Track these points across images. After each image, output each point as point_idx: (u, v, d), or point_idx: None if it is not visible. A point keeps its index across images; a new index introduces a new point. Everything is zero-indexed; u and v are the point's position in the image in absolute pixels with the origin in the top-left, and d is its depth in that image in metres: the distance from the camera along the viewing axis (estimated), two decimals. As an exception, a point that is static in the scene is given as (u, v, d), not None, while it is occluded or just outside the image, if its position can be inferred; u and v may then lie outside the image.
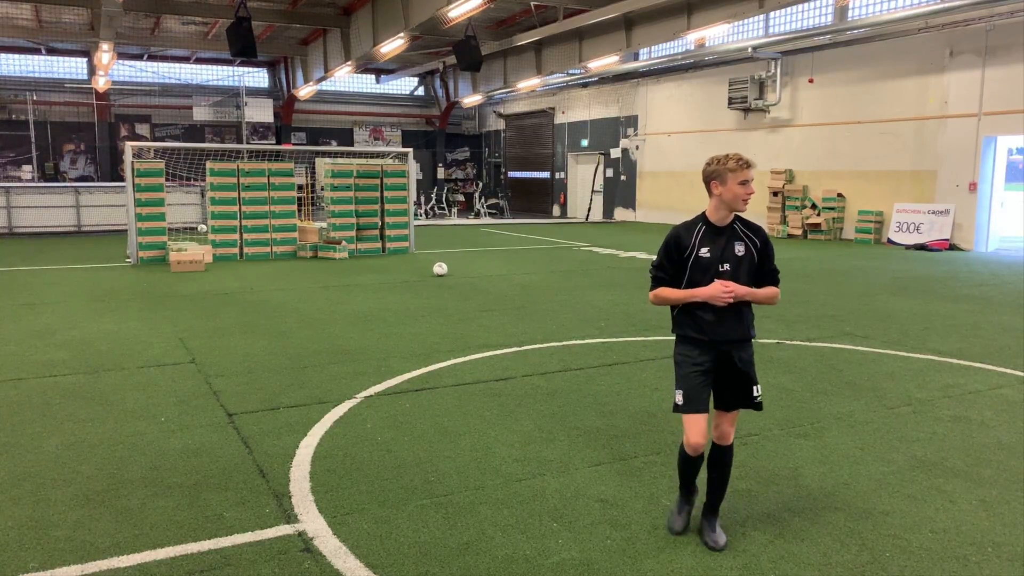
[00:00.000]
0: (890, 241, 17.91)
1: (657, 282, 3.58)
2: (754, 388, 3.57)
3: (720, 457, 3.60)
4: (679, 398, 3.51)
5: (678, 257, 3.51)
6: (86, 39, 23.57)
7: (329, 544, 3.54)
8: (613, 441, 4.89)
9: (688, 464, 3.62)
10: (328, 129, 31.56)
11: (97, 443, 4.81)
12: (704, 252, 3.47)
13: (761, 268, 3.54)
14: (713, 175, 3.45)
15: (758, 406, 3.60)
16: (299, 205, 17.72)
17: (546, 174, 31.11)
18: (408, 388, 6.06)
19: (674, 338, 3.63)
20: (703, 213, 3.57)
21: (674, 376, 3.59)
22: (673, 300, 3.54)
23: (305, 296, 10.55)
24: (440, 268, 12.56)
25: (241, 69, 29.73)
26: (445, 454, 4.65)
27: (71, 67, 27.74)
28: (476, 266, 13.96)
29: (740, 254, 3.49)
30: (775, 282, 3.58)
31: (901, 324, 8.65)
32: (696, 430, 3.46)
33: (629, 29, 19.82)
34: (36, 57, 27.01)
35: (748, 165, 3.43)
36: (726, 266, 3.46)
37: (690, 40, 21.21)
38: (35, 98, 26.61)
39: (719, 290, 3.40)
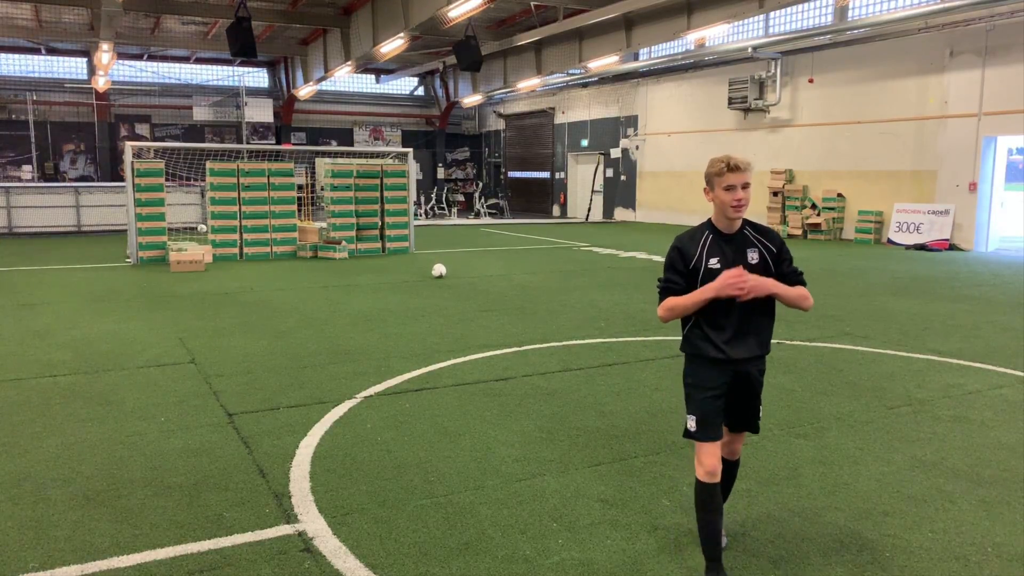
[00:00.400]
0: (890, 241, 17.92)
1: (666, 292, 3.19)
2: (760, 409, 3.38)
3: (727, 469, 3.41)
4: (692, 424, 3.19)
5: (684, 269, 3.16)
6: (86, 39, 23.58)
7: (329, 544, 3.54)
8: (613, 441, 4.89)
9: (708, 500, 3.19)
10: (328, 129, 31.57)
11: (97, 443, 4.81)
12: (714, 263, 3.11)
13: (780, 271, 3.17)
14: (706, 179, 3.15)
15: (757, 429, 3.41)
16: (299, 205, 17.73)
17: (546, 174, 31.11)
18: (408, 388, 6.06)
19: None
20: (709, 219, 3.23)
21: (684, 398, 3.26)
22: (683, 307, 3.14)
23: (305, 296, 10.55)
24: (438, 269, 12.51)
25: (241, 69, 29.73)
26: (445, 454, 4.65)
27: (71, 67, 27.75)
28: (476, 266, 13.96)
29: (754, 262, 3.13)
30: (802, 283, 3.22)
31: (901, 324, 8.65)
32: (712, 455, 3.18)
33: (629, 29, 19.82)
34: (36, 57, 27.02)
35: (733, 168, 3.04)
36: None
37: (690, 40, 21.21)
38: (35, 98, 26.62)
39: (729, 277, 3.01)
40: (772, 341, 3.31)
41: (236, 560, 3.39)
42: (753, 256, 3.15)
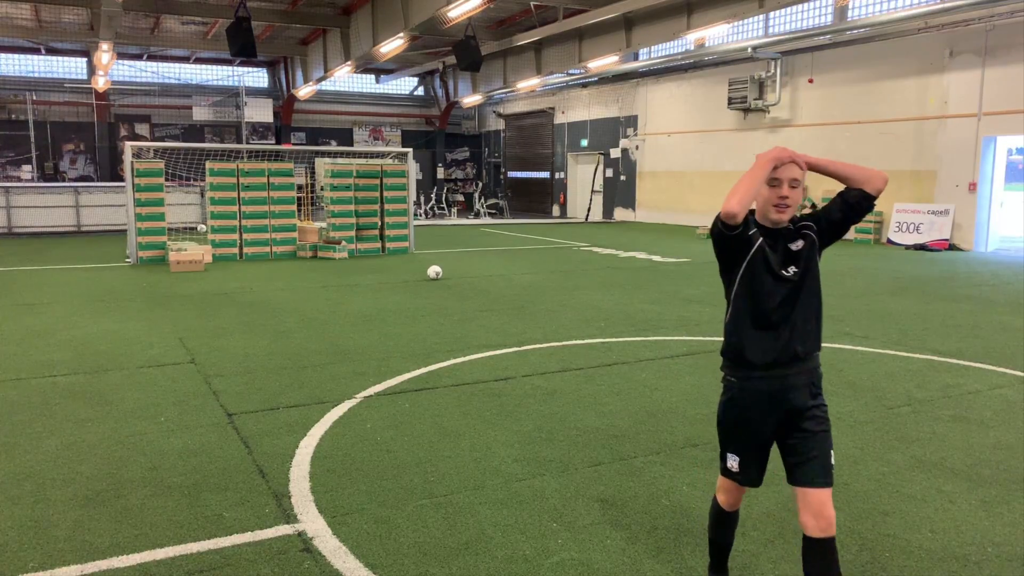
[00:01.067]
0: (890, 241, 17.92)
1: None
2: (831, 455, 2.78)
3: (823, 553, 2.73)
4: (734, 464, 2.86)
5: (743, 231, 2.74)
6: (86, 39, 23.56)
7: (329, 544, 3.54)
8: (613, 441, 4.89)
9: (723, 522, 3.05)
10: (328, 129, 31.56)
11: (97, 443, 4.81)
12: (768, 251, 2.80)
13: (833, 207, 2.90)
14: None
15: (824, 481, 2.75)
16: (299, 205, 17.73)
17: (546, 174, 31.11)
18: (408, 388, 6.06)
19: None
20: (752, 212, 2.84)
21: (720, 433, 2.94)
22: (747, 180, 2.70)
23: (305, 296, 10.55)
24: (434, 271, 12.29)
25: (241, 69, 29.72)
26: (445, 454, 4.65)
27: (71, 67, 27.73)
28: (476, 266, 13.96)
29: (798, 248, 2.81)
30: None
31: (901, 324, 8.65)
32: (738, 493, 2.98)
33: (629, 29, 19.82)
34: (36, 57, 27.00)
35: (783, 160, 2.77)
36: (791, 269, 2.78)
37: (690, 40, 21.20)
38: (35, 98, 26.60)
39: (778, 148, 2.79)
40: None
41: (236, 560, 3.39)
42: (796, 244, 2.83)
